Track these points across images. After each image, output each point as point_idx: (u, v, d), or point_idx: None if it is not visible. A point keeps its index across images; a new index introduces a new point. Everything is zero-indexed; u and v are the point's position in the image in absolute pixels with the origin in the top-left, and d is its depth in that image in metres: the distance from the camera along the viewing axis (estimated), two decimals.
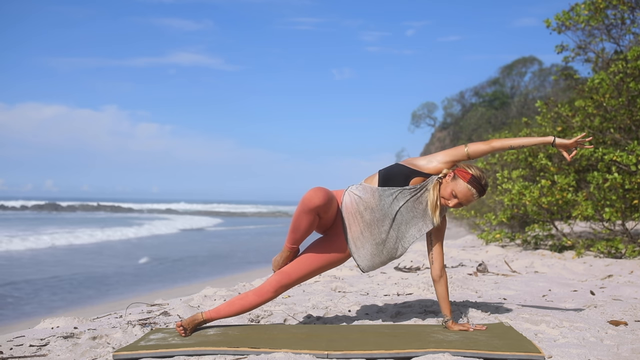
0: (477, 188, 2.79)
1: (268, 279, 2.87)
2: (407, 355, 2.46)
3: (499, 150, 2.85)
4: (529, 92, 43.59)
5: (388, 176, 2.83)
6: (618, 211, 6.57)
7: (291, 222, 2.79)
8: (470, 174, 2.79)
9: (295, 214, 2.75)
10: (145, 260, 12.48)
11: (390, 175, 2.83)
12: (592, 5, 8.21)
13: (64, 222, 30.57)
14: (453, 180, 2.80)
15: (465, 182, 2.78)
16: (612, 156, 6.31)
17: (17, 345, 2.75)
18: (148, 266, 11.74)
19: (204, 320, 2.81)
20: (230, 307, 2.82)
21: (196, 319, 2.80)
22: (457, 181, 2.79)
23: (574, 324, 3.07)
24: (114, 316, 3.58)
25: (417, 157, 2.91)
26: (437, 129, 55.58)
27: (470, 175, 2.79)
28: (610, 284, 4.83)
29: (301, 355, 2.43)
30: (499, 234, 8.34)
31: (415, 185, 2.83)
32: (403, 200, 2.81)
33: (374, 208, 2.81)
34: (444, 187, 2.82)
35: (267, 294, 2.83)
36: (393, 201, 2.81)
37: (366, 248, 2.87)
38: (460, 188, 2.79)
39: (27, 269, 11.22)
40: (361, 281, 5.11)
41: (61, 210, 51.71)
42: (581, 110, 7.47)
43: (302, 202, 2.69)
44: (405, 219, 2.84)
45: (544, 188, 7.11)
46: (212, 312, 2.82)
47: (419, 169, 2.83)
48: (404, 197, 2.81)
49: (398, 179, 2.81)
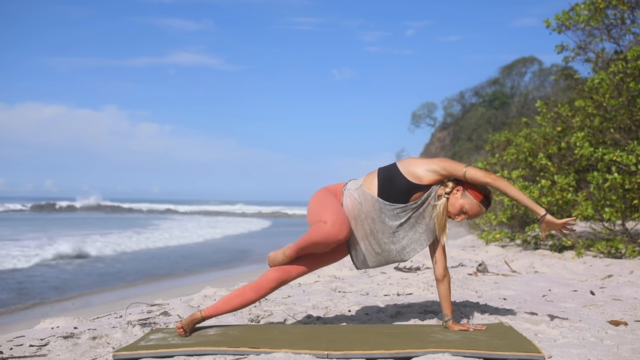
0: (487, 206, 2.82)
1: (266, 275, 2.84)
2: (407, 355, 2.46)
3: (493, 187, 2.76)
4: (529, 92, 43.58)
5: (388, 188, 2.78)
6: (618, 211, 6.57)
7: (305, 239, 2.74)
8: (483, 194, 2.79)
9: (312, 238, 2.71)
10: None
11: (390, 189, 2.77)
12: (592, 5, 8.21)
13: (127, 224, 30.16)
14: (464, 196, 2.78)
15: (478, 201, 2.78)
16: (612, 156, 6.31)
17: (17, 345, 2.75)
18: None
19: (202, 317, 2.81)
20: (229, 304, 2.81)
21: (195, 317, 2.80)
22: (469, 199, 2.77)
23: (574, 324, 3.07)
24: (114, 316, 3.58)
25: (415, 160, 2.82)
26: (437, 129, 55.59)
27: (483, 195, 2.79)
28: (610, 284, 4.83)
29: (301, 355, 2.43)
30: (499, 234, 8.34)
31: (417, 200, 2.79)
32: (405, 217, 2.79)
33: (374, 219, 2.79)
34: (452, 202, 2.79)
35: (266, 290, 2.82)
36: (394, 217, 2.78)
37: (366, 256, 2.86)
38: (471, 206, 2.77)
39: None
40: (361, 281, 5.11)
41: (62, 210, 51.65)
42: (581, 110, 7.47)
43: (326, 236, 2.67)
44: (407, 234, 2.83)
45: (544, 188, 7.11)
46: (210, 309, 2.82)
47: (419, 180, 2.76)
48: (407, 214, 2.79)
49: (398, 195, 2.77)
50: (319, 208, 2.78)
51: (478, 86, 50.10)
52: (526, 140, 8.37)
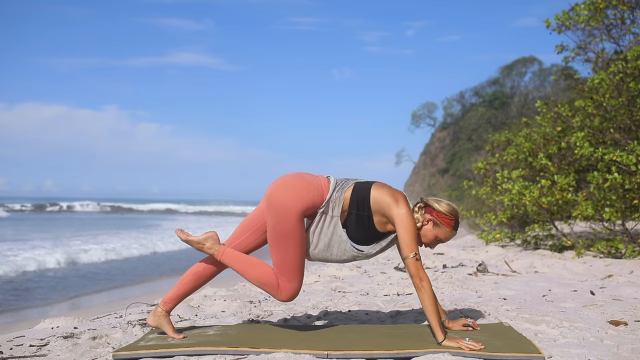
0: (457, 228, 2.77)
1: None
2: (407, 355, 2.46)
3: (418, 293, 2.61)
4: (529, 92, 43.55)
5: (357, 225, 2.70)
6: (618, 211, 6.56)
7: (258, 280, 2.74)
8: (453, 218, 2.73)
9: (267, 288, 2.76)
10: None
11: (358, 229, 2.70)
12: (592, 5, 8.21)
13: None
14: (435, 226, 2.73)
15: (451, 228, 2.74)
16: (612, 156, 6.31)
17: (17, 345, 2.75)
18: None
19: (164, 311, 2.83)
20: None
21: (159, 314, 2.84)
22: (441, 228, 2.72)
23: (574, 324, 3.07)
24: (114, 316, 3.58)
25: (386, 194, 2.67)
26: (437, 129, 55.58)
27: (453, 219, 2.73)
28: (610, 284, 4.83)
29: (301, 355, 2.43)
30: (499, 234, 8.34)
31: (382, 242, 2.75)
32: (373, 251, 2.77)
33: (345, 249, 2.73)
34: (424, 233, 2.74)
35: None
36: (361, 254, 2.76)
37: (324, 256, 2.78)
38: (445, 234, 2.74)
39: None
40: (361, 281, 5.11)
41: (62, 211, 51.67)
42: (581, 110, 7.47)
43: (283, 296, 2.75)
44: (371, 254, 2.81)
45: (544, 188, 7.11)
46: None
47: (386, 228, 2.71)
48: (374, 250, 2.77)
49: (365, 236, 2.72)
50: (289, 238, 2.65)
51: (478, 86, 50.12)
52: (526, 140, 8.37)
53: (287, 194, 2.65)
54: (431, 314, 2.58)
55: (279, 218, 2.65)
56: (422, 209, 2.76)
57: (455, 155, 47.87)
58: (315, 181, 2.72)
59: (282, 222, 2.65)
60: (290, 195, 2.65)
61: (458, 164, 44.86)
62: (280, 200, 2.65)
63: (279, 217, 2.65)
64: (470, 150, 41.66)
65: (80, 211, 51.57)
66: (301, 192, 2.66)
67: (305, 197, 2.66)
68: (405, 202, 2.68)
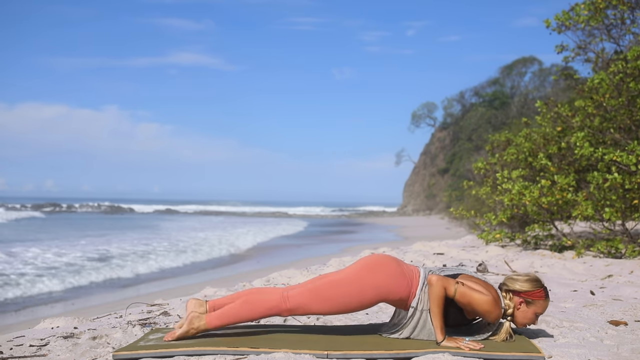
0: (548, 294, 2.77)
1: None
2: (407, 355, 2.46)
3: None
4: (529, 92, 43.57)
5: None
6: (618, 211, 6.56)
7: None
8: (541, 289, 2.73)
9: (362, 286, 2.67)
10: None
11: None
12: (592, 5, 8.22)
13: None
14: (530, 305, 2.72)
15: (544, 298, 2.73)
16: (612, 156, 6.31)
17: (17, 345, 2.75)
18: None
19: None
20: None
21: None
22: (537, 303, 2.72)
23: (574, 324, 3.07)
24: (114, 316, 3.58)
25: (473, 288, 2.62)
26: (437, 129, 55.60)
27: (542, 290, 2.73)
28: (610, 284, 4.83)
29: (301, 355, 2.43)
30: (499, 234, 8.34)
31: (483, 335, 2.71)
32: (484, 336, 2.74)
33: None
34: (521, 314, 2.73)
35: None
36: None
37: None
38: (542, 307, 2.74)
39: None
40: None
41: (62, 211, 51.65)
42: (581, 110, 7.47)
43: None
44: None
45: (544, 188, 7.11)
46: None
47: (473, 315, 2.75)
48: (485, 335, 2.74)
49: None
50: (354, 293, 2.64)
51: (478, 86, 50.15)
52: (526, 140, 8.38)
53: (380, 275, 2.66)
54: (435, 315, 2.59)
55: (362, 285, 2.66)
56: (508, 293, 2.74)
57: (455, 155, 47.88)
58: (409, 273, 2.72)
59: (361, 290, 2.66)
60: (382, 277, 2.65)
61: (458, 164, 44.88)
62: (372, 278, 2.66)
63: (362, 285, 2.66)
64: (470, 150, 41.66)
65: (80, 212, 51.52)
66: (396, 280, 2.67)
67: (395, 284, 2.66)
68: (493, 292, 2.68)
